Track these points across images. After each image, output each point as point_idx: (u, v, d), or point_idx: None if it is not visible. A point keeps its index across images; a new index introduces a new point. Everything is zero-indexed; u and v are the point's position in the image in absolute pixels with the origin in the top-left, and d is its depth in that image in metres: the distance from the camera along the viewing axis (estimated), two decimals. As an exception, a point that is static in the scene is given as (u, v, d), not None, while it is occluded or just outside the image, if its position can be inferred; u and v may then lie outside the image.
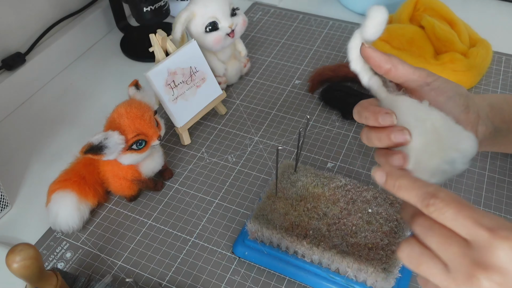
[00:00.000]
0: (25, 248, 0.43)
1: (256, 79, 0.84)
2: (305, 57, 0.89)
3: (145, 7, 0.80)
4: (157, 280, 0.56)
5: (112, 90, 0.85)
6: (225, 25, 0.72)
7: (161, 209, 0.64)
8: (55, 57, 0.87)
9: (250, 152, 0.71)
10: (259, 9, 1.03)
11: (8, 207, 0.65)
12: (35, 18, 0.85)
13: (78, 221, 0.59)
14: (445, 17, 0.83)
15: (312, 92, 0.80)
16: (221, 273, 0.56)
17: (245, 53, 0.82)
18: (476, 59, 0.76)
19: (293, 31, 0.95)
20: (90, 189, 0.61)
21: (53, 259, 0.59)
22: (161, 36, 0.68)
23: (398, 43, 0.80)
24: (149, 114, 0.58)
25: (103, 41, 0.97)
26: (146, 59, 0.90)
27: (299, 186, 0.57)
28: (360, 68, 0.45)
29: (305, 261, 0.53)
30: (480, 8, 1.01)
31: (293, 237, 0.52)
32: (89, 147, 0.53)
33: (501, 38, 0.89)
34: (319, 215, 0.54)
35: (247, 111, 0.78)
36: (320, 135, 0.73)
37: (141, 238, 0.61)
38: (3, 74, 0.80)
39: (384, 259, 0.50)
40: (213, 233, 0.61)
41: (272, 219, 0.54)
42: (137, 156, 0.57)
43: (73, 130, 0.77)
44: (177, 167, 0.69)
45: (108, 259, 0.58)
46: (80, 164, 0.62)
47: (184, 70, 0.69)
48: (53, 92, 0.85)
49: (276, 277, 0.55)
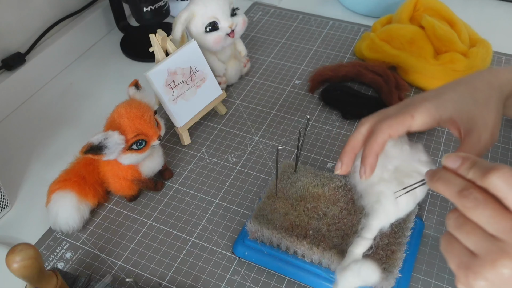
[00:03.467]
0: (25, 248, 0.43)
1: (256, 79, 0.84)
2: (305, 57, 0.89)
3: (145, 7, 0.80)
4: (157, 280, 0.56)
5: (112, 90, 0.85)
6: (225, 25, 0.72)
7: (161, 209, 0.64)
8: (55, 57, 0.87)
9: (250, 152, 0.71)
10: (259, 9, 1.03)
11: (8, 207, 0.65)
12: (35, 18, 0.85)
13: (78, 221, 0.59)
14: (445, 17, 0.83)
15: (312, 92, 0.80)
16: (221, 273, 0.56)
17: (245, 53, 0.82)
18: (476, 59, 0.76)
19: (293, 31, 0.95)
20: (90, 189, 0.61)
21: (53, 259, 0.59)
22: (161, 36, 0.68)
23: (398, 43, 0.80)
24: (149, 114, 0.58)
25: (103, 41, 0.97)
26: (146, 59, 0.90)
27: (299, 186, 0.57)
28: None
29: (305, 261, 0.53)
30: (480, 8, 1.01)
31: (293, 237, 0.52)
32: (89, 147, 0.53)
33: (501, 38, 0.89)
34: (319, 215, 0.54)
35: (247, 111, 0.78)
36: (320, 135, 0.73)
37: (141, 238, 0.61)
38: (3, 74, 0.80)
39: (384, 259, 0.50)
40: (213, 233, 0.61)
41: (272, 219, 0.54)
42: (137, 156, 0.57)
43: (73, 130, 0.77)
44: (177, 167, 0.69)
45: (108, 259, 0.58)
46: (80, 164, 0.62)
47: (184, 70, 0.69)
48: (53, 92, 0.85)
49: (276, 277, 0.55)
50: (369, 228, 0.46)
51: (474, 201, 0.34)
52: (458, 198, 0.35)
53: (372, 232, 0.46)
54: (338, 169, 0.48)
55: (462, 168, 0.36)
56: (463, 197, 0.35)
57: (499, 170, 0.33)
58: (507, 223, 0.33)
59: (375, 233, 0.46)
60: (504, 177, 0.33)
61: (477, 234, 0.34)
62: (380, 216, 0.46)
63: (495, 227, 0.33)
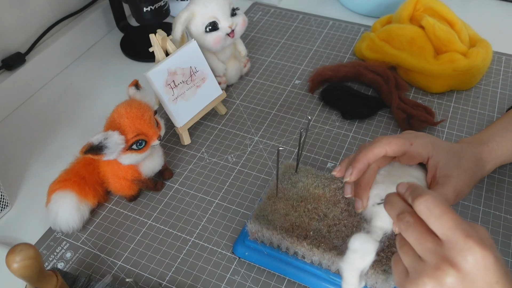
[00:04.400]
0: (25, 248, 0.43)
1: (256, 79, 0.84)
2: (305, 57, 0.89)
3: (145, 7, 0.80)
4: (157, 280, 0.56)
5: (112, 90, 0.84)
6: (225, 25, 0.72)
7: (161, 209, 0.64)
8: (55, 57, 0.87)
9: (250, 152, 0.71)
10: (259, 9, 1.03)
11: (8, 207, 0.65)
12: (35, 18, 0.85)
13: (78, 221, 0.59)
14: (445, 17, 0.83)
15: (312, 92, 0.80)
16: (221, 273, 0.56)
17: (245, 53, 0.82)
18: (476, 59, 0.76)
19: (293, 31, 0.95)
20: (90, 189, 0.61)
21: (53, 259, 0.59)
22: (161, 36, 0.68)
23: (398, 43, 0.80)
24: (149, 114, 0.57)
25: (103, 41, 0.97)
26: (146, 59, 0.90)
27: (300, 187, 0.57)
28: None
29: (305, 262, 0.53)
30: (480, 8, 1.01)
31: (294, 238, 0.52)
32: (89, 147, 0.53)
33: (501, 38, 0.89)
34: (319, 216, 0.54)
35: (247, 111, 0.78)
36: (320, 135, 0.73)
37: (141, 238, 0.61)
38: (3, 74, 0.80)
39: (384, 260, 0.49)
40: (213, 233, 0.61)
41: (272, 220, 0.54)
42: (137, 156, 0.57)
43: (73, 130, 0.77)
44: (177, 167, 0.69)
45: (108, 259, 0.58)
46: (80, 164, 0.62)
47: (184, 70, 0.69)
48: (53, 92, 0.85)
49: (276, 277, 0.55)
50: (373, 232, 0.46)
51: (406, 224, 0.38)
52: (396, 220, 0.40)
53: (378, 234, 0.46)
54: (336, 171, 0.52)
55: (406, 194, 0.40)
56: (399, 220, 0.39)
57: (423, 196, 0.38)
58: (428, 244, 0.37)
59: (380, 235, 0.46)
60: (426, 203, 0.37)
61: (409, 254, 0.39)
62: (382, 218, 0.46)
63: (419, 248, 0.38)
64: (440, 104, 0.77)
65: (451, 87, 0.78)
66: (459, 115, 0.75)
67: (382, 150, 0.49)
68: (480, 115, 0.75)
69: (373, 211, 0.47)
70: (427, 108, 0.73)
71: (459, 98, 0.78)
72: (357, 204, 0.50)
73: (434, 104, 0.77)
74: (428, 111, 0.73)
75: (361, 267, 0.44)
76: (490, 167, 0.55)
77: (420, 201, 0.37)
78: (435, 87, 0.78)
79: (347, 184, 0.51)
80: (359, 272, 0.45)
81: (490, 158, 0.55)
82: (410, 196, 0.39)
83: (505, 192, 0.64)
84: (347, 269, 0.45)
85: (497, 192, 0.64)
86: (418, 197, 0.38)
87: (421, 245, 0.37)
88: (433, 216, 0.37)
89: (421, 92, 0.80)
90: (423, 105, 0.74)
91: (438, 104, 0.77)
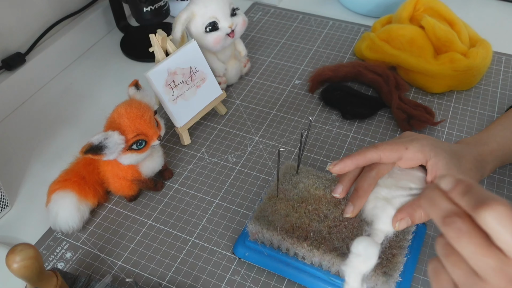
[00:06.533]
0: (25, 248, 0.43)
1: (256, 79, 0.84)
2: (305, 57, 0.89)
3: (145, 7, 0.80)
4: (157, 280, 0.56)
5: (112, 90, 0.84)
6: (225, 25, 0.72)
7: (161, 209, 0.64)
8: (55, 57, 0.87)
9: (250, 152, 0.71)
10: (259, 9, 1.03)
11: (8, 207, 0.65)
12: (35, 18, 0.85)
13: (78, 221, 0.59)
14: (445, 17, 0.83)
15: (312, 92, 0.80)
16: (221, 273, 0.56)
17: (245, 53, 0.82)
18: (476, 59, 0.76)
19: (293, 31, 0.95)
20: (90, 189, 0.61)
21: (53, 259, 0.59)
22: (161, 36, 0.68)
23: (398, 43, 0.80)
24: (149, 114, 0.57)
25: (103, 41, 0.97)
26: (146, 59, 0.90)
27: (301, 187, 0.57)
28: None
29: (305, 263, 0.53)
30: (480, 8, 1.01)
31: (294, 239, 0.51)
32: (89, 147, 0.53)
33: (501, 38, 0.89)
34: (320, 217, 0.54)
35: (247, 111, 0.78)
36: (320, 135, 0.73)
37: (141, 238, 0.61)
38: (3, 74, 0.80)
39: (385, 262, 0.49)
40: (213, 233, 0.61)
41: (273, 221, 0.54)
42: (137, 156, 0.57)
43: (73, 130, 0.77)
44: (177, 167, 0.69)
45: (108, 259, 0.58)
46: (80, 164, 0.62)
47: (184, 70, 0.69)
48: (53, 92, 0.85)
49: (276, 277, 0.55)
50: (375, 234, 0.46)
51: (457, 232, 0.31)
52: (441, 224, 0.33)
53: (379, 236, 0.46)
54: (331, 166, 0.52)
55: (455, 193, 0.33)
56: (446, 225, 0.32)
57: (493, 206, 0.30)
58: (491, 261, 0.30)
59: (382, 237, 0.46)
60: (498, 216, 0.29)
61: (461, 267, 0.32)
62: (383, 220, 0.46)
63: (478, 264, 0.31)
64: (440, 104, 0.77)
65: (451, 87, 0.78)
66: (459, 115, 0.75)
67: (375, 155, 0.49)
68: (480, 115, 0.75)
69: (374, 214, 0.47)
70: (427, 108, 0.73)
71: (459, 98, 0.78)
72: (348, 208, 0.50)
73: (434, 104, 0.77)
74: (428, 111, 0.73)
75: (364, 270, 0.44)
76: (490, 168, 0.55)
77: (489, 212, 0.30)
78: (435, 87, 0.78)
79: (339, 183, 0.51)
80: (362, 275, 0.45)
81: (491, 159, 0.55)
82: (467, 199, 0.32)
83: (505, 192, 0.64)
84: (350, 273, 0.45)
85: (497, 192, 0.64)
86: (484, 206, 0.30)
87: (481, 261, 0.30)
88: (506, 232, 0.29)
89: (421, 92, 0.80)
90: (423, 105, 0.74)
91: (438, 104, 0.77)
